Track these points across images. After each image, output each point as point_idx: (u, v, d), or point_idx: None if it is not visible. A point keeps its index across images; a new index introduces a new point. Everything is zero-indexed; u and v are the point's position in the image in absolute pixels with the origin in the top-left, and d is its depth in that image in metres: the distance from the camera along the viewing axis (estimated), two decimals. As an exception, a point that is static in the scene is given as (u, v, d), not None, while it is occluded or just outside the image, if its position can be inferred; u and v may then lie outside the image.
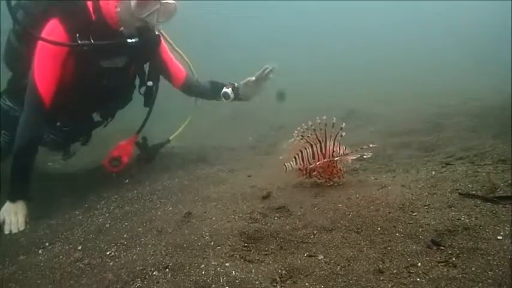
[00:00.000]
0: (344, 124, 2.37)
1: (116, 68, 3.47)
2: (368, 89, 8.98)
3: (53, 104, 3.23)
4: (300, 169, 2.44)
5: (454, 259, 1.47)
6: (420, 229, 1.69)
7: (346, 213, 1.97)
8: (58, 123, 3.70)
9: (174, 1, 3.23)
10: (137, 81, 3.93)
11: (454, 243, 1.55)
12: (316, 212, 2.05)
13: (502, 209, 1.69)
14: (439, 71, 10.12)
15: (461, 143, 3.55)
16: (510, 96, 4.45)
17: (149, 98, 3.88)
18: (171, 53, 3.97)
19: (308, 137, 2.42)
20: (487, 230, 1.55)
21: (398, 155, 3.56)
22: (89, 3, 3.24)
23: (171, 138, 4.46)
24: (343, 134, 2.37)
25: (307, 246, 1.81)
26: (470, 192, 1.85)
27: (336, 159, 2.39)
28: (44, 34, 3.10)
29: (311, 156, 2.40)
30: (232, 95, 3.91)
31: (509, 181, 1.88)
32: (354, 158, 2.40)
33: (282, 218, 2.11)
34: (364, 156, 2.35)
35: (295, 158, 2.43)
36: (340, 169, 2.43)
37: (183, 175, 3.42)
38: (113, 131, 4.33)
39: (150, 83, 3.76)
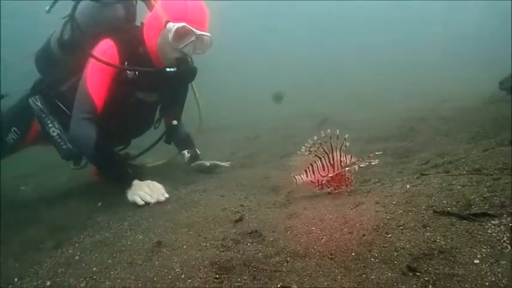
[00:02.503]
0: (347, 135, 2.43)
1: (145, 101, 3.73)
2: (344, 93, 8.96)
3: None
4: (311, 181, 2.52)
5: (430, 287, 1.38)
6: (395, 253, 1.60)
7: (320, 237, 1.87)
8: None
9: (209, 34, 3.44)
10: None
11: (430, 269, 1.46)
12: (289, 237, 1.95)
13: (478, 227, 1.61)
14: (421, 72, 10.13)
15: (435, 148, 3.50)
16: (485, 96, 4.47)
17: (171, 135, 4.13)
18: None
19: (315, 150, 2.50)
20: (464, 253, 1.47)
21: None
22: (138, 36, 3.52)
23: (148, 165, 4.57)
24: (348, 144, 2.44)
25: (281, 275, 1.70)
26: (445, 210, 1.77)
27: (346, 169, 2.48)
28: (98, 50, 3.38)
29: (321, 168, 2.49)
30: (186, 160, 4.36)
31: (484, 195, 1.81)
32: (363, 165, 2.44)
33: (254, 244, 2.01)
34: (372, 163, 2.41)
35: (305, 171, 2.51)
36: (348, 177, 2.52)
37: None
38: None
39: (175, 122, 3.97)
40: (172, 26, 3.28)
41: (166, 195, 3.16)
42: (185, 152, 4.37)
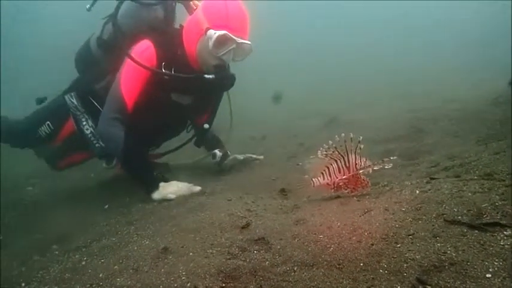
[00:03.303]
0: (361, 137, 2.45)
1: (180, 104, 3.68)
2: (352, 93, 8.86)
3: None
4: (327, 183, 2.56)
5: (441, 301, 1.34)
6: (405, 265, 1.55)
7: (328, 245, 1.83)
8: None
9: (249, 42, 3.41)
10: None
11: (440, 282, 1.41)
12: (297, 245, 1.91)
13: (490, 238, 1.56)
14: (427, 72, 9.99)
15: (445, 150, 3.44)
16: (491, 96, 4.39)
17: (202, 138, 4.12)
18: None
19: (331, 153, 2.54)
20: (475, 267, 1.42)
21: (382, 165, 3.44)
22: (178, 38, 3.50)
23: (171, 163, 4.55)
24: (362, 146, 2.47)
25: (288, 285, 1.67)
26: (456, 218, 1.72)
27: (360, 171, 2.52)
28: (136, 50, 3.38)
29: (337, 170, 2.53)
30: (218, 158, 4.26)
31: (496, 203, 1.76)
32: (377, 168, 2.47)
33: (261, 252, 1.97)
34: (386, 167, 2.45)
35: (322, 173, 2.55)
36: (363, 179, 2.55)
37: (160, 201, 3.26)
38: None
39: (206, 126, 3.95)
40: (214, 33, 3.24)
41: (199, 188, 3.27)
42: (216, 151, 4.31)
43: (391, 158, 2.48)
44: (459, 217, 1.73)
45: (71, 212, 3.71)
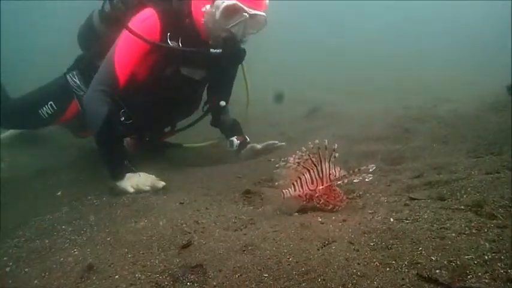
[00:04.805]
0: (336, 145, 2.14)
1: (192, 79, 3.33)
2: (343, 82, 8.40)
3: (124, 90, 3.04)
4: (299, 195, 2.22)
5: None
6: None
7: (271, 290, 1.43)
8: (121, 113, 3.33)
9: (263, 13, 2.97)
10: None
11: None
12: (236, 282, 1.51)
13: (474, 311, 1.16)
14: (424, 66, 9.49)
15: (430, 158, 3.03)
16: (488, 100, 3.96)
17: (218, 116, 3.72)
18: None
19: (304, 162, 2.20)
20: None
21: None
22: (186, 7, 3.09)
23: (185, 145, 4.16)
24: (337, 155, 2.16)
25: None
26: (432, 274, 1.31)
27: (336, 182, 2.21)
28: (137, 19, 3.00)
29: (309, 181, 2.19)
30: (235, 147, 3.78)
31: (486, 256, 1.35)
32: (356, 181, 2.16)
33: (195, 285, 1.58)
34: (366, 180, 2.13)
35: (293, 184, 2.20)
36: (338, 193, 2.22)
37: (112, 196, 2.84)
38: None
39: (223, 103, 3.58)
40: (222, 3, 2.88)
41: (163, 183, 2.85)
42: (234, 138, 3.83)
43: (371, 167, 2.11)
44: (437, 272, 1.32)
45: (23, 196, 3.35)
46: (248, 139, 3.87)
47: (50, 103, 3.74)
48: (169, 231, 2.03)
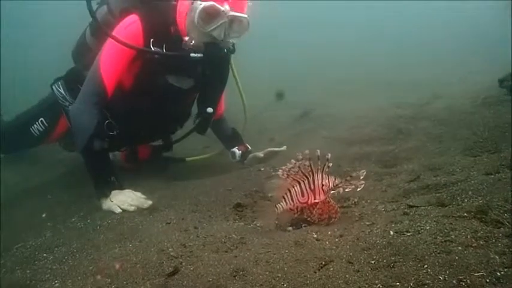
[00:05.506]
0: (330, 155, 2.04)
1: (180, 88, 3.20)
2: (334, 81, 8.26)
3: (110, 100, 2.93)
4: (290, 209, 2.12)
5: None
6: None
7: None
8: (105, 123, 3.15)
9: (245, 15, 2.83)
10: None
11: None
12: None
13: None
14: (416, 65, 9.36)
15: (426, 158, 2.90)
16: (481, 96, 3.84)
17: (205, 124, 3.50)
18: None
19: (295, 174, 2.08)
20: None
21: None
22: (172, 14, 2.99)
23: (187, 159, 4.00)
24: (330, 164, 2.06)
25: None
26: (441, 298, 1.17)
27: (328, 194, 2.08)
28: (120, 26, 2.92)
29: (300, 194, 2.07)
30: (238, 158, 3.67)
31: (498, 272, 1.22)
32: (348, 190, 2.04)
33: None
34: (358, 189, 2.02)
35: (284, 198, 2.09)
36: (332, 205, 2.08)
37: (97, 217, 2.67)
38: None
39: (210, 110, 3.35)
40: (199, 4, 2.76)
41: (150, 202, 2.70)
42: (235, 149, 3.70)
43: (361, 173, 2.00)
44: (445, 295, 1.19)
45: (8, 221, 3.16)
46: (250, 148, 3.77)
47: (40, 119, 3.67)
48: (155, 257, 1.87)
